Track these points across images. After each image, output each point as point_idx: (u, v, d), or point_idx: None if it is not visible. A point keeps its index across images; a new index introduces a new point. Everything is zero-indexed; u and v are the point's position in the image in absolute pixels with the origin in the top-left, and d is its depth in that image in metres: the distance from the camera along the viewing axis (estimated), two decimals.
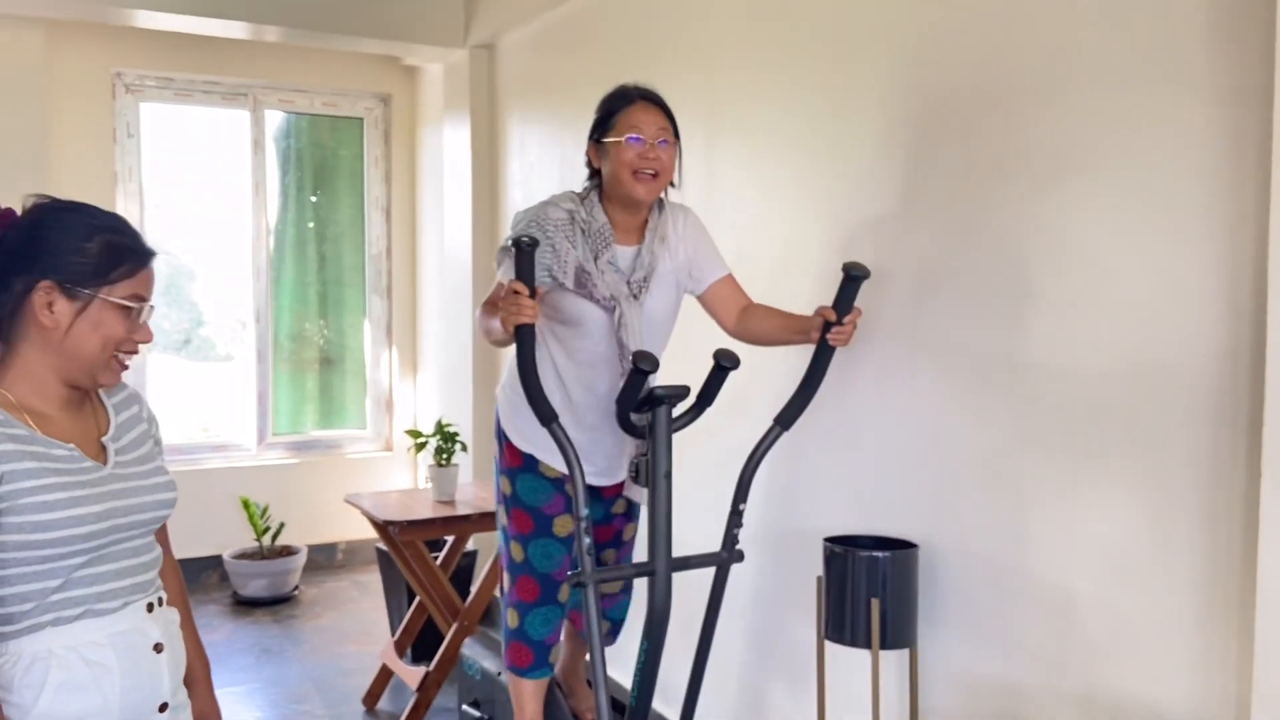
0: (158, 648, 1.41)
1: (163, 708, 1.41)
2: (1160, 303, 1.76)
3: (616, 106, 2.19)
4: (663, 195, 2.28)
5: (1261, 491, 1.54)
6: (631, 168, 2.15)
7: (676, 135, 2.22)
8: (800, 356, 2.23)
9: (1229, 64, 1.65)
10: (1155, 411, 1.77)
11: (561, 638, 2.42)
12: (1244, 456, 1.64)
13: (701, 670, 2.22)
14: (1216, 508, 1.69)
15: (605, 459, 2.34)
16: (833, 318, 2.05)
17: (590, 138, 2.26)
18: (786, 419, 2.16)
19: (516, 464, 2.37)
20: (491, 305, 2.18)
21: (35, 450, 1.30)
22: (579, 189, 2.30)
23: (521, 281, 1.96)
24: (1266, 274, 1.57)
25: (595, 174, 2.28)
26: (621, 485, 2.47)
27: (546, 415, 2.02)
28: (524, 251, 1.98)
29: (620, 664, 2.82)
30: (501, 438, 2.41)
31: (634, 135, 2.14)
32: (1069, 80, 1.90)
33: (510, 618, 2.42)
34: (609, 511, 2.50)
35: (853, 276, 2.04)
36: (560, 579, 2.36)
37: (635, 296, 2.21)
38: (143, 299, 1.39)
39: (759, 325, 2.27)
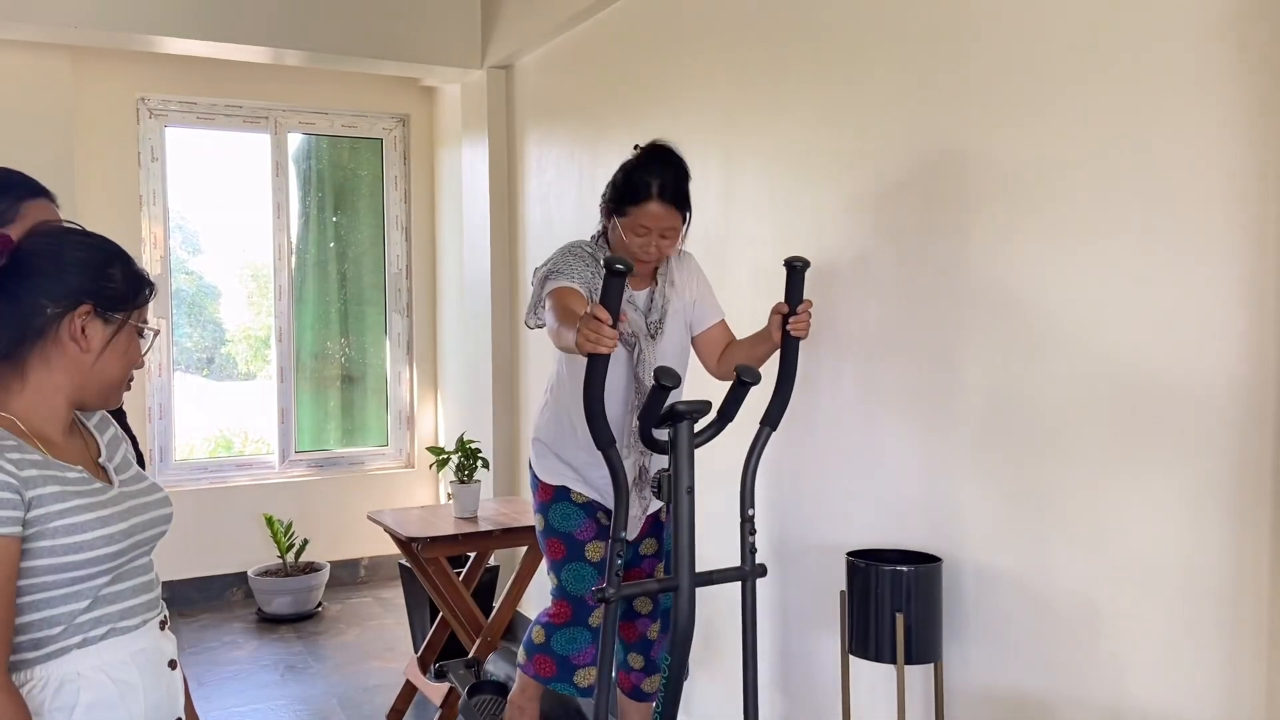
0: (172, 664, 1.43)
1: None
2: (1185, 309, 1.76)
3: (635, 196, 2.27)
4: None
5: None
6: (634, 251, 2.30)
7: (688, 207, 2.33)
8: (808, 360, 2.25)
9: (1250, 67, 1.66)
10: (1180, 420, 1.77)
11: (591, 662, 2.42)
12: (1270, 464, 1.64)
13: (754, 693, 2.21)
14: (1243, 516, 1.68)
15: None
16: (785, 310, 2.19)
17: (604, 198, 2.35)
18: (772, 418, 2.23)
19: (549, 497, 2.49)
20: (567, 313, 2.16)
21: (53, 474, 1.31)
22: (590, 238, 2.43)
23: (605, 308, 1.91)
24: None
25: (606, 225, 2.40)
26: (647, 524, 2.50)
27: (605, 439, 2.05)
28: (614, 276, 1.91)
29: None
30: (535, 483, 2.53)
31: (641, 230, 2.27)
32: (1089, 83, 1.91)
33: (535, 634, 2.45)
34: (638, 553, 2.53)
35: (794, 268, 2.18)
36: (592, 603, 2.39)
37: (653, 336, 2.37)
38: (147, 326, 1.45)
39: (733, 357, 2.37)
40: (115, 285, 1.36)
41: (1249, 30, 1.65)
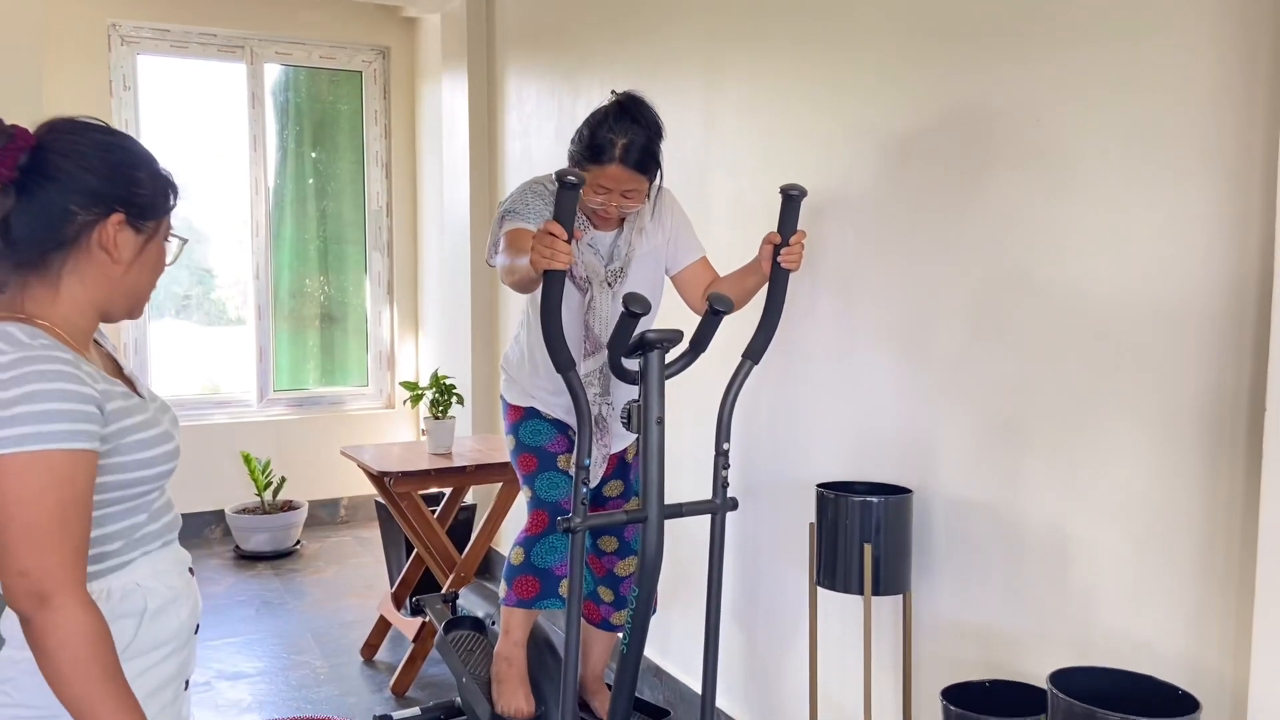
0: (190, 570, 1.44)
1: (196, 628, 1.44)
2: (1165, 237, 1.71)
3: (596, 156, 2.13)
4: None
5: (1265, 431, 1.50)
6: (592, 209, 2.21)
7: (658, 168, 2.19)
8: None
9: None
10: (1157, 351, 1.73)
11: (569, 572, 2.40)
12: (1248, 395, 1.60)
13: (716, 627, 2.17)
14: (1217, 450, 1.65)
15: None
16: (778, 240, 2.10)
17: (571, 145, 2.22)
18: (754, 352, 2.16)
19: (518, 417, 2.46)
20: (516, 244, 2.10)
21: (112, 389, 1.25)
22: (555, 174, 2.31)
23: (559, 223, 1.84)
24: (1275, 207, 1.52)
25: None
26: (612, 465, 2.46)
27: (564, 363, 1.98)
28: (566, 189, 1.84)
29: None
30: (505, 407, 2.50)
31: (601, 189, 2.15)
32: (1071, 13, 1.83)
33: (514, 556, 2.42)
34: (603, 495, 2.49)
35: (790, 196, 2.08)
36: (567, 506, 2.36)
37: (609, 284, 2.27)
38: (175, 234, 1.37)
39: (721, 290, 2.26)
40: (144, 192, 1.27)
41: None
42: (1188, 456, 1.69)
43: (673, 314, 2.51)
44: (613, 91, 2.20)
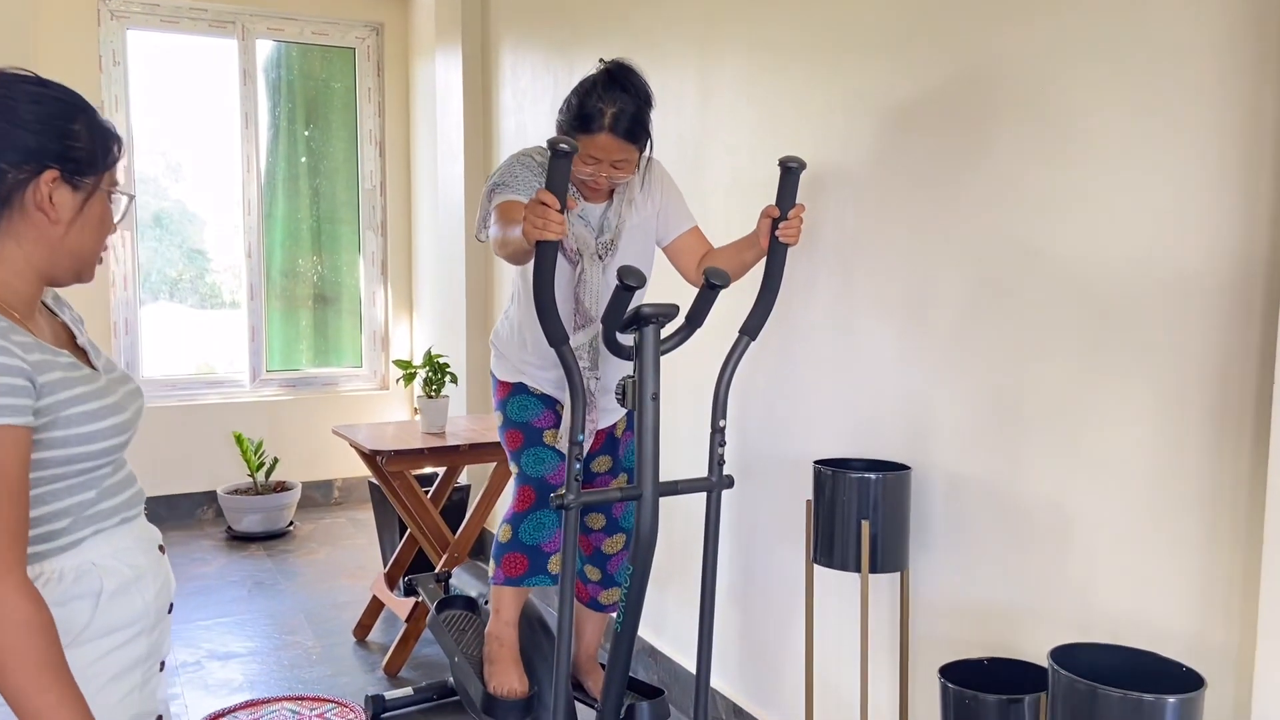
0: (161, 548, 1.38)
1: (170, 608, 1.37)
2: (1170, 207, 1.67)
3: (585, 125, 2.09)
4: None
5: (1272, 404, 1.47)
6: (582, 179, 2.17)
7: (648, 138, 2.16)
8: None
9: None
10: (1161, 323, 1.70)
11: (560, 548, 2.36)
12: (1255, 367, 1.57)
13: (711, 606, 2.13)
14: (1224, 421, 1.62)
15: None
16: (776, 214, 2.06)
17: (560, 114, 2.17)
18: (752, 327, 2.12)
19: (506, 393, 2.44)
20: (508, 216, 2.08)
21: (50, 359, 1.19)
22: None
23: (551, 192, 1.80)
24: None
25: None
26: (600, 440, 2.43)
27: (558, 337, 1.95)
28: (559, 158, 1.80)
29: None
30: (494, 383, 2.48)
31: (590, 159, 2.11)
32: None
33: (502, 534, 2.40)
34: (590, 470, 2.46)
35: (789, 169, 2.04)
36: (554, 482, 2.33)
37: (600, 257, 2.24)
38: (119, 190, 1.30)
39: (717, 263, 2.23)
40: (81, 145, 1.20)
41: None
42: (1192, 430, 1.66)
43: (663, 288, 2.48)
44: (601, 60, 2.16)
